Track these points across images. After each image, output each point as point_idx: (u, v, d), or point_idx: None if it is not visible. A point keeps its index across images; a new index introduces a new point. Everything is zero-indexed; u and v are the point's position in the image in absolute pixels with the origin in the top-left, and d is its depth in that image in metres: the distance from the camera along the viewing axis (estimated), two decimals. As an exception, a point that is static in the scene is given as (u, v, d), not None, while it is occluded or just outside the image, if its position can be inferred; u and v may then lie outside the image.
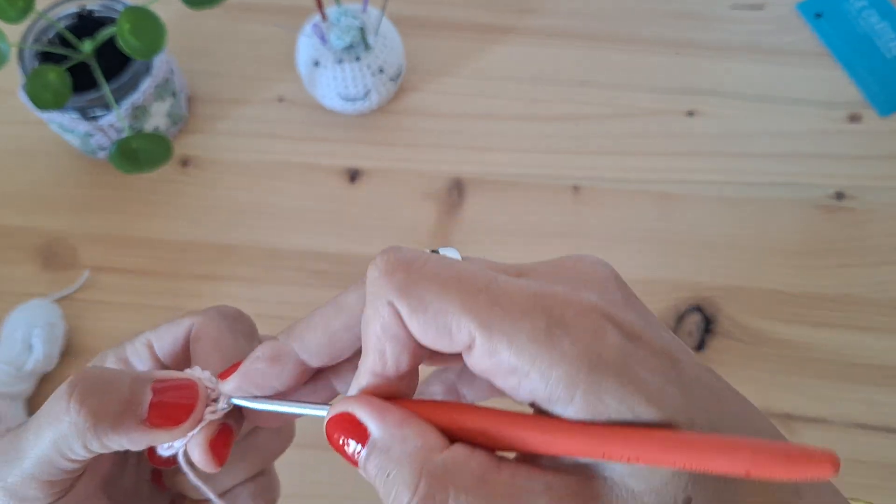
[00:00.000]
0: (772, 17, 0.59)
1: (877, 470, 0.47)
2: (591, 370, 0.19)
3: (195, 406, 0.24)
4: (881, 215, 0.53)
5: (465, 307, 0.20)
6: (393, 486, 0.20)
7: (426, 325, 0.21)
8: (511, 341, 0.20)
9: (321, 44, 0.52)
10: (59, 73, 0.45)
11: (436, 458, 0.20)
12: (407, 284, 0.21)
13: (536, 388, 0.20)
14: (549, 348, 0.19)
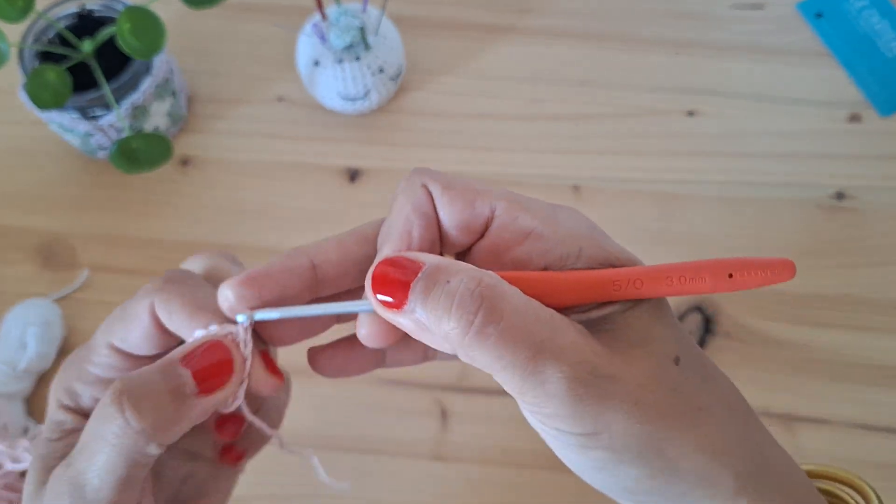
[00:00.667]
0: (772, 17, 0.59)
1: (877, 470, 0.47)
2: (592, 232, 0.24)
3: (232, 356, 0.24)
4: (881, 215, 0.53)
5: (487, 187, 0.24)
6: (453, 288, 0.21)
7: (454, 198, 0.24)
8: (528, 205, 0.24)
9: (321, 43, 0.52)
10: (59, 73, 0.45)
11: (489, 277, 0.22)
12: (439, 173, 0.25)
13: (548, 250, 0.23)
14: (559, 216, 0.24)
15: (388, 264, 0.23)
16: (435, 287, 0.22)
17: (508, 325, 0.21)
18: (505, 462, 0.47)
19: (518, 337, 0.21)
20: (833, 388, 0.49)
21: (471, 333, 0.21)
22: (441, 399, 0.48)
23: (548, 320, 0.22)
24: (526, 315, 0.21)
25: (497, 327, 0.21)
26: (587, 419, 0.22)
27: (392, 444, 0.47)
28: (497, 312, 0.21)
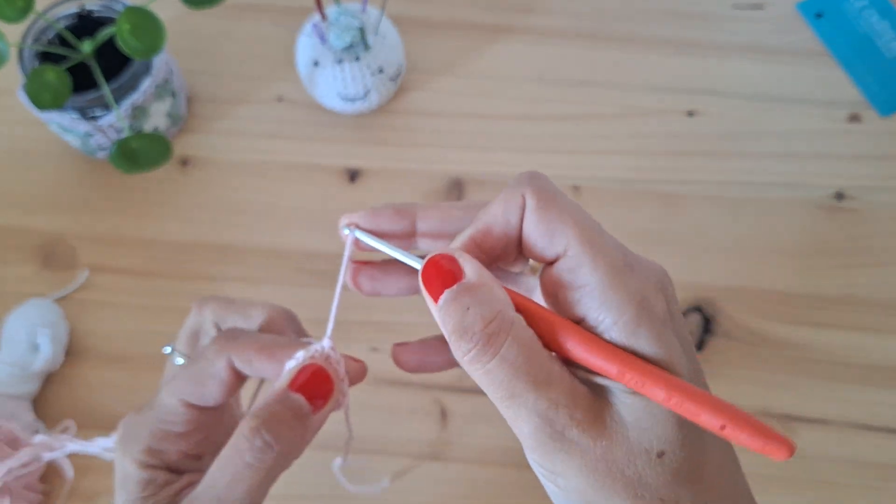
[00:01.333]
0: (772, 17, 0.59)
1: (877, 470, 0.47)
2: (639, 310, 0.24)
3: (328, 371, 0.29)
4: (881, 215, 0.53)
5: (576, 223, 0.25)
6: (468, 318, 0.24)
7: (540, 220, 0.26)
8: (594, 261, 0.25)
9: (321, 44, 0.52)
10: (59, 73, 0.45)
11: (509, 312, 0.25)
12: (544, 187, 0.26)
13: (591, 307, 0.25)
14: (619, 280, 0.25)
15: (438, 259, 0.25)
16: (454, 305, 0.24)
17: (496, 366, 0.24)
18: (504, 462, 0.47)
19: (500, 378, 0.24)
20: (832, 388, 0.49)
21: (464, 360, 0.24)
22: (441, 399, 0.48)
23: (545, 368, 0.24)
24: (518, 361, 0.24)
25: (484, 366, 0.24)
26: (546, 461, 0.25)
27: (392, 444, 0.47)
28: (488, 354, 0.24)
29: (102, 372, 0.49)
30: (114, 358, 0.49)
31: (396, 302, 0.50)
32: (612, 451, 0.24)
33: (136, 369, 0.49)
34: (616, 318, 0.24)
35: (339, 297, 0.31)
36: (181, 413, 0.30)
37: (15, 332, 0.47)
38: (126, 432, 0.30)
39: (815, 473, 0.47)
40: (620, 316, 0.24)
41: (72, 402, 0.48)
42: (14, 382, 0.46)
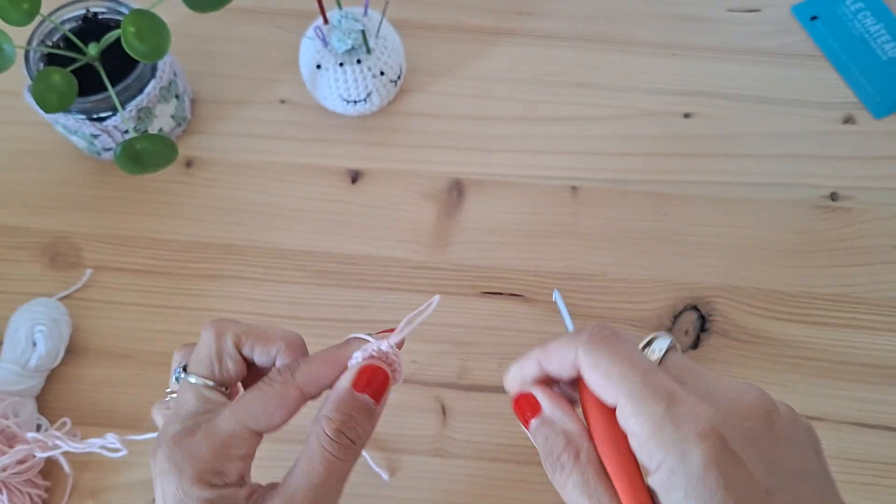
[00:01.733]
0: (767, 20, 0.60)
1: (872, 468, 0.47)
2: (677, 463, 0.26)
3: (383, 368, 0.33)
4: (876, 215, 0.53)
5: (622, 375, 0.28)
6: (550, 445, 0.29)
7: (593, 379, 0.29)
8: (638, 415, 0.27)
9: (323, 47, 0.52)
10: (65, 76, 0.46)
11: (581, 442, 0.29)
12: (592, 346, 0.29)
13: (642, 455, 0.27)
14: (658, 433, 0.27)
15: (519, 398, 0.31)
16: (538, 435, 0.30)
17: (566, 490, 0.29)
18: (504, 458, 0.47)
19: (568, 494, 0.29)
20: (828, 386, 0.49)
21: (546, 468, 0.29)
22: (441, 396, 0.49)
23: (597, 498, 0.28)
24: (580, 490, 0.28)
25: (556, 480, 0.29)
26: None
27: (393, 441, 0.48)
28: (562, 475, 0.29)
29: (106, 370, 0.50)
30: (118, 356, 0.50)
31: (396, 302, 0.51)
32: None
33: (140, 367, 0.50)
34: (657, 468, 0.27)
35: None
36: (246, 438, 0.31)
37: (16, 330, 0.47)
38: (179, 454, 0.31)
39: (811, 470, 0.47)
40: (659, 467, 0.27)
41: (76, 399, 0.49)
42: (17, 380, 0.46)
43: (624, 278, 0.52)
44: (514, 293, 0.51)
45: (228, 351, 0.33)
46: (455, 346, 0.50)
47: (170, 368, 0.50)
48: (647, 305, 0.51)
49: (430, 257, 0.52)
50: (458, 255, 0.52)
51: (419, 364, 0.50)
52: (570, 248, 0.52)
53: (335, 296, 0.51)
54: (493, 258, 0.52)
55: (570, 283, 0.52)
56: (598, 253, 0.52)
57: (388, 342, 0.33)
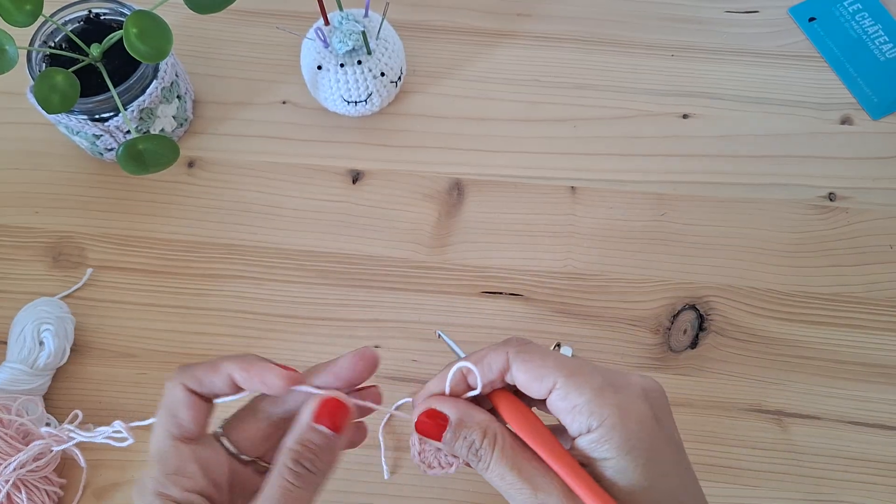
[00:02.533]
0: (765, 21, 0.60)
1: (869, 466, 0.48)
2: (619, 417, 0.31)
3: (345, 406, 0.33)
4: (873, 215, 0.54)
5: (556, 364, 0.32)
6: (468, 442, 0.32)
7: (528, 371, 0.32)
8: (579, 386, 0.31)
9: (324, 48, 0.53)
10: (67, 77, 0.46)
11: (494, 426, 0.32)
12: (523, 345, 0.33)
13: (581, 422, 0.31)
14: (601, 397, 0.31)
15: (423, 416, 0.33)
16: (455, 436, 0.33)
17: (489, 470, 0.32)
18: (504, 457, 0.48)
19: (493, 477, 0.32)
20: (824, 385, 0.49)
21: (480, 469, 0.32)
22: (441, 395, 0.49)
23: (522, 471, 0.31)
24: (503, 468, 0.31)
25: (480, 467, 0.32)
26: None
27: (392, 438, 0.48)
28: (483, 462, 0.32)
29: (110, 369, 0.50)
30: (121, 355, 0.50)
31: (396, 302, 0.51)
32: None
33: (143, 366, 0.50)
34: (596, 428, 0.31)
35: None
36: (176, 448, 0.33)
37: (22, 329, 0.48)
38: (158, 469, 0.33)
39: (808, 469, 0.48)
40: (600, 426, 0.31)
41: (81, 397, 0.49)
42: (24, 379, 0.46)
43: (622, 278, 0.52)
44: (513, 293, 0.52)
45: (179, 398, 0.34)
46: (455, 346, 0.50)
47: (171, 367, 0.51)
48: (646, 305, 0.51)
49: (431, 257, 0.53)
50: (458, 255, 0.53)
51: (419, 363, 0.50)
52: (570, 247, 0.53)
53: (336, 295, 0.52)
54: (493, 258, 0.53)
55: (570, 283, 0.52)
56: (596, 253, 0.53)
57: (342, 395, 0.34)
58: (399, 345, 0.50)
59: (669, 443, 0.32)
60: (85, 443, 0.43)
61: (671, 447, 0.32)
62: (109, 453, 0.48)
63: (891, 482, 0.47)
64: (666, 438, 0.32)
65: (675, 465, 0.32)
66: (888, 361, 0.50)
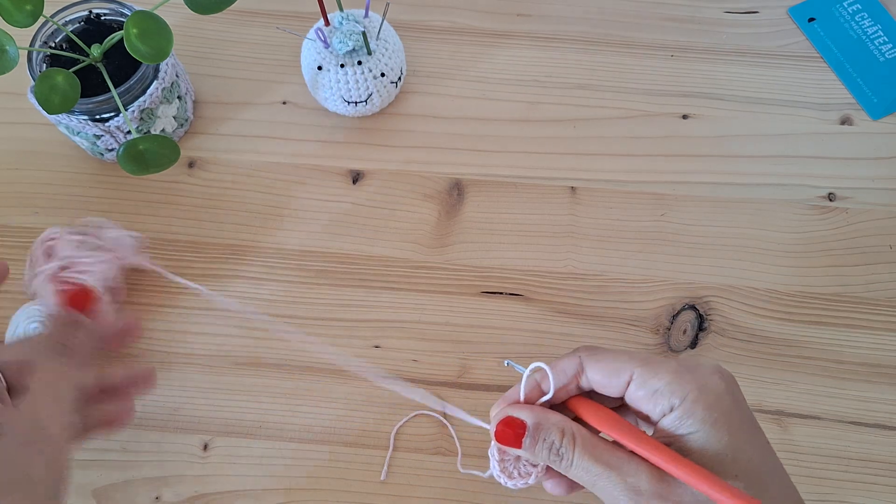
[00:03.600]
0: (765, 21, 0.60)
1: (869, 466, 0.48)
2: (700, 392, 0.32)
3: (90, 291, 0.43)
4: (872, 215, 0.54)
5: (629, 357, 0.34)
6: (547, 444, 0.33)
7: (602, 368, 0.34)
8: (657, 372, 0.33)
9: (324, 48, 0.53)
10: (68, 77, 0.46)
11: (570, 426, 0.34)
12: (593, 350, 0.35)
13: (663, 404, 0.33)
14: (679, 377, 0.33)
15: (500, 426, 0.35)
16: (534, 440, 0.34)
17: (573, 468, 0.33)
18: (504, 457, 0.48)
19: (579, 473, 0.33)
20: (824, 385, 0.49)
21: (565, 470, 0.33)
22: (440, 395, 0.49)
23: (614, 455, 0.33)
24: (587, 462, 0.33)
25: (571, 466, 0.33)
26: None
27: (395, 439, 0.48)
28: (566, 461, 0.33)
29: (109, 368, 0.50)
30: (120, 354, 0.50)
31: (396, 302, 0.51)
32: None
33: (142, 364, 0.50)
34: (677, 407, 0.32)
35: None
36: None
37: (16, 329, 0.48)
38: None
39: (808, 469, 0.48)
40: (685, 399, 0.32)
41: (80, 397, 0.49)
42: None
43: (622, 278, 0.52)
44: (513, 293, 0.52)
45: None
46: (455, 346, 0.50)
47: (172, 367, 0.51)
48: (646, 305, 0.51)
49: (431, 257, 0.53)
50: (458, 255, 0.53)
51: (419, 363, 0.50)
52: (569, 247, 0.53)
53: (336, 295, 0.52)
54: (492, 258, 0.53)
55: (569, 283, 0.52)
56: (596, 253, 0.53)
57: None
58: (399, 345, 0.50)
59: (746, 417, 0.33)
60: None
61: (748, 421, 0.33)
62: (109, 453, 0.48)
63: (891, 482, 0.47)
64: (742, 412, 0.33)
65: (754, 436, 0.33)
66: (888, 361, 0.50)
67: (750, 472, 0.32)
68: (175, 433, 0.48)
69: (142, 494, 0.47)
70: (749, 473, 0.32)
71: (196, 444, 0.48)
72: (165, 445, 0.48)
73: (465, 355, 0.50)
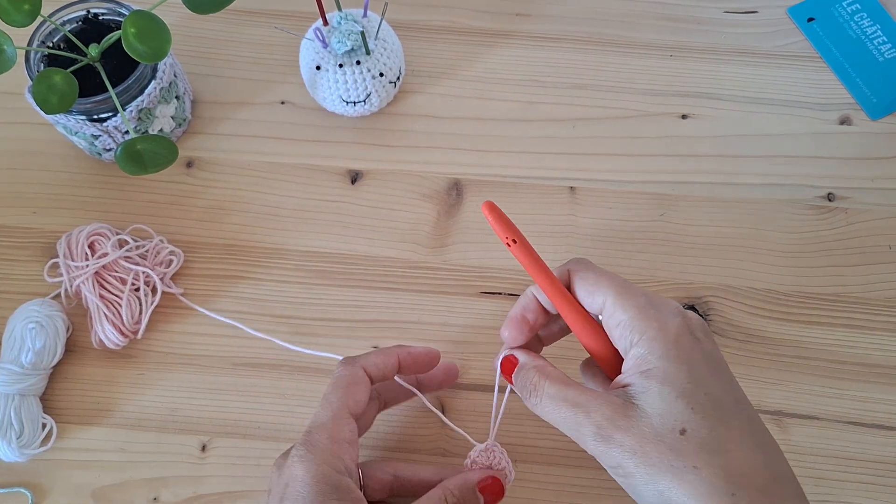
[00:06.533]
0: (764, 21, 0.60)
1: (868, 466, 0.48)
2: (659, 329, 0.35)
3: (503, 489, 0.41)
4: (871, 215, 0.54)
5: (609, 283, 0.37)
6: (526, 378, 0.38)
7: (583, 287, 0.38)
8: (624, 305, 0.36)
9: (323, 48, 0.52)
10: (65, 77, 0.46)
11: (548, 369, 0.38)
12: (582, 264, 0.39)
13: (625, 337, 0.36)
14: (642, 314, 0.36)
15: (504, 360, 0.40)
16: (518, 376, 0.39)
17: (545, 405, 0.37)
18: (503, 457, 0.48)
19: (551, 410, 0.37)
20: (823, 385, 0.49)
21: (531, 405, 0.38)
22: (440, 395, 0.49)
23: (582, 394, 0.36)
24: (559, 399, 0.36)
25: (534, 402, 0.38)
26: (606, 459, 0.35)
27: (394, 440, 0.48)
28: (537, 398, 0.37)
29: (108, 369, 0.50)
30: (120, 355, 0.50)
31: (395, 302, 0.51)
32: (645, 438, 0.33)
33: (142, 367, 0.50)
34: (638, 342, 0.35)
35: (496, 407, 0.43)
36: (345, 419, 0.40)
37: (13, 330, 0.48)
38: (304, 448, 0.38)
39: (807, 469, 0.48)
40: (640, 340, 0.35)
41: (79, 398, 0.49)
42: (18, 379, 0.46)
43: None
44: (512, 293, 0.52)
45: (359, 380, 0.41)
46: (454, 346, 0.50)
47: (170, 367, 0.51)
48: (645, 305, 0.51)
49: (430, 257, 0.53)
50: (458, 255, 0.53)
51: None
52: (569, 248, 0.53)
53: (335, 295, 0.52)
54: (492, 258, 0.53)
55: (569, 283, 0.52)
56: (595, 253, 0.53)
57: (492, 440, 0.43)
58: (398, 345, 0.50)
59: (707, 354, 0.35)
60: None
61: (710, 359, 0.35)
62: (108, 454, 0.48)
63: (890, 482, 0.47)
64: (703, 351, 0.35)
65: (714, 372, 0.35)
66: (887, 361, 0.50)
67: (708, 405, 0.33)
68: (173, 434, 0.48)
69: (140, 495, 0.47)
70: (706, 407, 0.33)
71: (194, 444, 0.48)
72: (163, 446, 0.48)
73: (465, 356, 0.50)
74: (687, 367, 0.34)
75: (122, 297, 0.49)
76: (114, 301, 0.49)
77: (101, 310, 0.48)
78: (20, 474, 0.47)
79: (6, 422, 0.45)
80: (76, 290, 0.50)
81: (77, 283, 0.49)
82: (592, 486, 0.47)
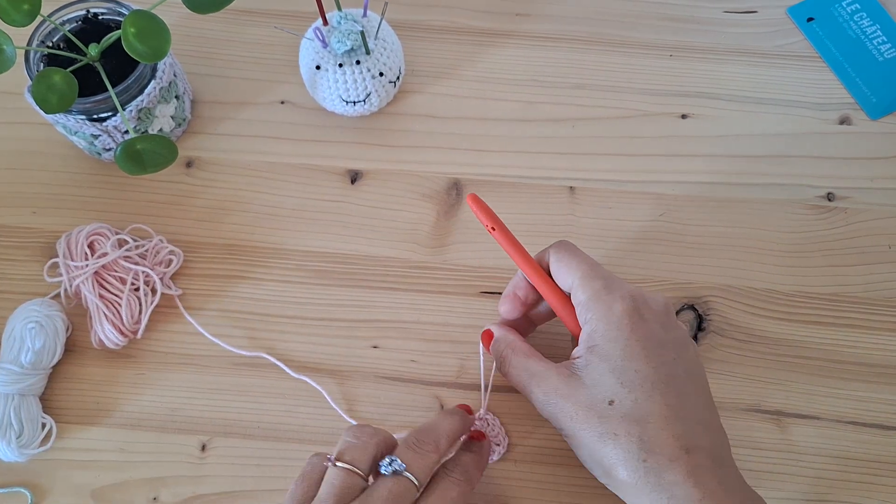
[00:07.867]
0: (764, 21, 0.60)
1: (868, 466, 0.48)
2: (605, 313, 0.41)
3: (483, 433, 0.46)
4: (871, 215, 0.54)
5: (578, 265, 0.42)
6: (497, 349, 0.45)
7: (557, 270, 0.43)
8: (584, 288, 0.42)
9: (322, 48, 0.52)
10: (65, 76, 0.46)
11: (518, 343, 0.44)
12: (561, 246, 0.44)
13: (582, 318, 0.42)
14: (596, 296, 0.41)
15: (484, 333, 0.46)
16: (493, 349, 0.46)
17: (510, 373, 0.44)
18: (503, 456, 0.47)
19: (514, 377, 0.43)
20: (823, 385, 0.49)
21: (500, 370, 0.45)
22: (439, 395, 0.49)
23: (540, 366, 0.42)
24: (520, 368, 0.43)
25: (504, 370, 0.44)
26: (553, 422, 0.41)
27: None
28: (505, 366, 0.44)
29: (108, 369, 0.50)
30: (120, 355, 0.50)
31: (395, 302, 0.51)
32: (581, 405, 0.39)
33: (142, 367, 0.50)
34: (588, 322, 0.41)
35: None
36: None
37: (12, 330, 0.48)
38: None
39: (807, 469, 0.48)
40: (589, 321, 0.41)
41: (79, 398, 0.49)
42: (18, 379, 0.46)
43: (621, 277, 0.52)
44: (512, 293, 0.52)
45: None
46: (454, 346, 0.50)
47: (170, 367, 0.51)
48: (645, 305, 0.51)
49: (430, 257, 0.53)
50: (457, 255, 0.53)
51: (418, 363, 0.50)
52: (569, 247, 0.53)
53: (335, 295, 0.52)
54: (491, 258, 0.53)
55: (569, 283, 0.52)
56: (595, 253, 0.53)
57: (483, 410, 0.47)
58: (397, 345, 0.50)
59: (648, 336, 0.40)
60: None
61: (649, 339, 0.40)
62: (107, 454, 0.48)
63: (890, 482, 0.47)
64: (646, 331, 0.40)
65: (651, 352, 0.39)
66: (887, 361, 0.50)
67: (636, 381, 0.39)
68: (173, 434, 0.48)
69: (139, 495, 0.47)
70: (634, 382, 0.39)
71: (194, 444, 0.48)
72: (163, 446, 0.48)
73: (464, 356, 0.50)
74: (622, 346, 0.39)
75: (121, 297, 0.49)
76: (113, 301, 0.49)
77: (101, 310, 0.48)
78: (20, 474, 0.47)
79: (6, 422, 0.45)
80: (76, 290, 0.50)
81: (77, 283, 0.49)
82: (593, 486, 0.47)
